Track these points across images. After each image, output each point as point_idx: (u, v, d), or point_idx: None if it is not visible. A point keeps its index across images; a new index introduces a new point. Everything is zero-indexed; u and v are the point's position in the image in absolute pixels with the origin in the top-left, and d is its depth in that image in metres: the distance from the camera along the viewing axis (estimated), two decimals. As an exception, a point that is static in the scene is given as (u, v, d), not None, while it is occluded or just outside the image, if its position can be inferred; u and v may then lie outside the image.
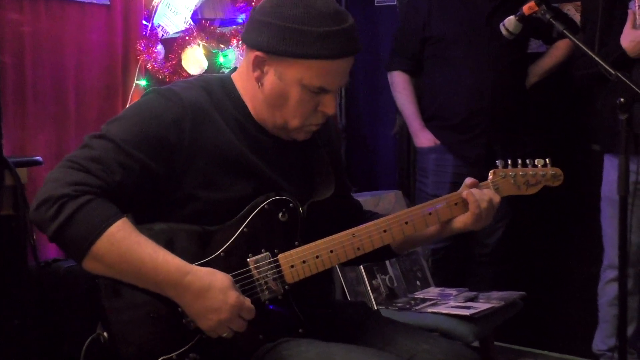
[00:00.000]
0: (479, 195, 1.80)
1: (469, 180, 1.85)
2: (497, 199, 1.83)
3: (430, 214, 1.79)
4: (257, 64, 1.69)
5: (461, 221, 1.81)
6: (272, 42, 1.64)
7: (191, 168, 1.65)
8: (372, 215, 1.96)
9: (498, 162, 1.89)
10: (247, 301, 1.62)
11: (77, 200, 1.55)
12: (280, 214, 1.71)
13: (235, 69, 1.83)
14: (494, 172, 1.88)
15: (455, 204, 1.81)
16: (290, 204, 1.72)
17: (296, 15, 1.63)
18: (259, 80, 1.70)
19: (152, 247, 1.58)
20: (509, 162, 1.89)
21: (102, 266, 1.58)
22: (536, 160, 1.91)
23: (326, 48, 1.63)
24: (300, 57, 1.64)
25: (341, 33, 1.64)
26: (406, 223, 1.77)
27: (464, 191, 1.81)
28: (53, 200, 1.55)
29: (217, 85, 1.75)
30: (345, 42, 1.66)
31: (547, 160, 1.92)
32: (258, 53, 1.67)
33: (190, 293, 1.58)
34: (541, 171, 1.90)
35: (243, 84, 1.76)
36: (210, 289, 1.58)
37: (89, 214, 1.55)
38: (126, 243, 1.56)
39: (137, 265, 1.57)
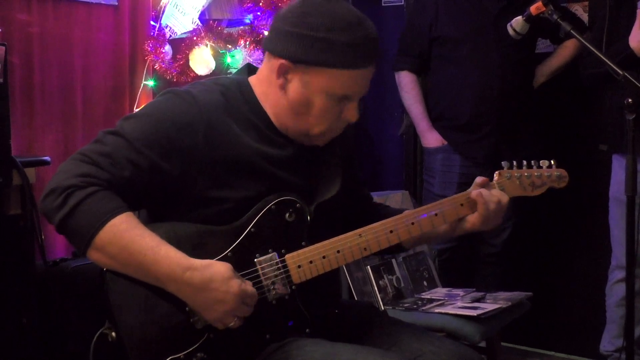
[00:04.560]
0: (488, 196, 1.80)
1: (479, 179, 1.85)
2: (505, 199, 1.83)
3: (436, 214, 1.79)
4: (282, 72, 1.67)
5: (470, 222, 1.81)
6: (299, 51, 1.64)
7: (204, 170, 1.65)
8: (383, 209, 1.96)
9: (503, 163, 1.89)
10: (249, 286, 1.63)
11: (84, 191, 1.57)
12: (287, 215, 1.71)
13: (252, 70, 1.82)
14: (499, 174, 1.88)
15: (461, 204, 1.81)
16: (297, 205, 1.72)
17: (323, 24, 1.62)
18: (282, 87, 1.69)
19: (154, 240, 1.58)
20: (514, 164, 1.89)
21: (104, 257, 1.60)
22: (541, 162, 1.91)
23: (353, 57, 1.63)
24: (327, 67, 1.64)
25: (367, 41, 1.64)
26: (412, 224, 1.78)
27: (473, 191, 1.81)
28: (60, 190, 1.58)
29: (234, 88, 1.74)
30: (371, 50, 1.66)
31: (552, 161, 1.92)
32: (283, 61, 1.66)
33: (192, 288, 1.59)
34: (546, 172, 1.90)
35: (263, 89, 1.74)
36: (211, 282, 1.58)
37: (93, 204, 1.57)
38: (129, 235, 1.57)
39: (138, 257, 1.57)
